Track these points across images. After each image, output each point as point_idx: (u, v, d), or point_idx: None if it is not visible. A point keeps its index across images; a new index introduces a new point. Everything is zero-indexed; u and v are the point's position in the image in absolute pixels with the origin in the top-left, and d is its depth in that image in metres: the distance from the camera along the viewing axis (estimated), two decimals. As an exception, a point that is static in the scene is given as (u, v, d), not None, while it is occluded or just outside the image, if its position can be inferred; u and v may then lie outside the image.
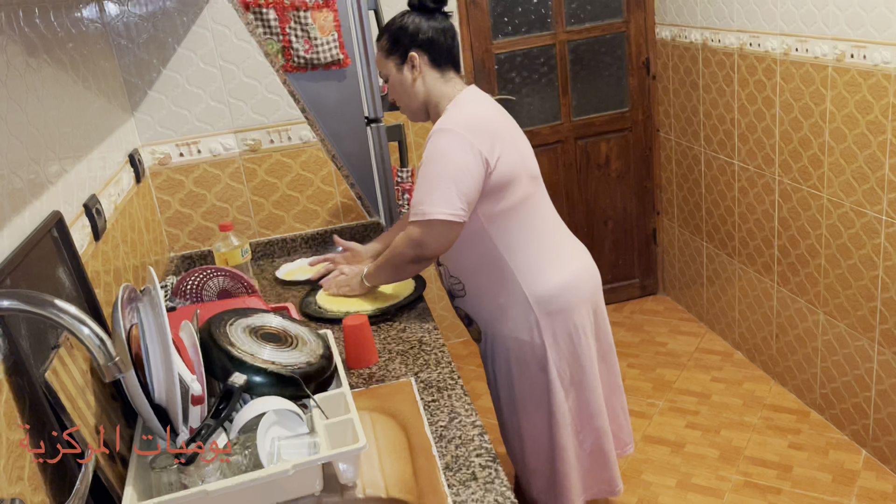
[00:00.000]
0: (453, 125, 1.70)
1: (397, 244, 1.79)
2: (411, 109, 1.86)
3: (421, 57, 1.78)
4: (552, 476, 1.91)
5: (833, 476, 2.56)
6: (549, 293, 1.81)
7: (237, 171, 2.33)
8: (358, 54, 2.32)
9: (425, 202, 1.69)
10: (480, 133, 1.70)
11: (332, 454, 1.17)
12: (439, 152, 1.69)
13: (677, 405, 3.06)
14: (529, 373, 1.86)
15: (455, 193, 1.67)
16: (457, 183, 1.67)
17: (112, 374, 0.92)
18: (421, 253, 1.74)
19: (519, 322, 1.83)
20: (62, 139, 1.56)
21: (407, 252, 1.76)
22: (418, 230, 1.72)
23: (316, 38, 2.24)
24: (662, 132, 3.69)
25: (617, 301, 3.97)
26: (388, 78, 1.84)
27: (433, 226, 1.70)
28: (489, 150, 1.70)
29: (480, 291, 1.85)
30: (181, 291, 1.81)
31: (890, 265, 2.39)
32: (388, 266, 1.84)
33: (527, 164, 1.80)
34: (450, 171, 1.67)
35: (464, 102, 1.78)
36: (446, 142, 1.69)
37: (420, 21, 1.78)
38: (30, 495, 1.04)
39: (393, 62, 1.81)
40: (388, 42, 1.81)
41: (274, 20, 2.21)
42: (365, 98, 2.38)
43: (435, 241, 1.72)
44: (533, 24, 3.47)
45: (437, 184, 1.68)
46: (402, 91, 1.83)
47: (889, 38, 2.24)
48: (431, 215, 1.69)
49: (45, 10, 1.56)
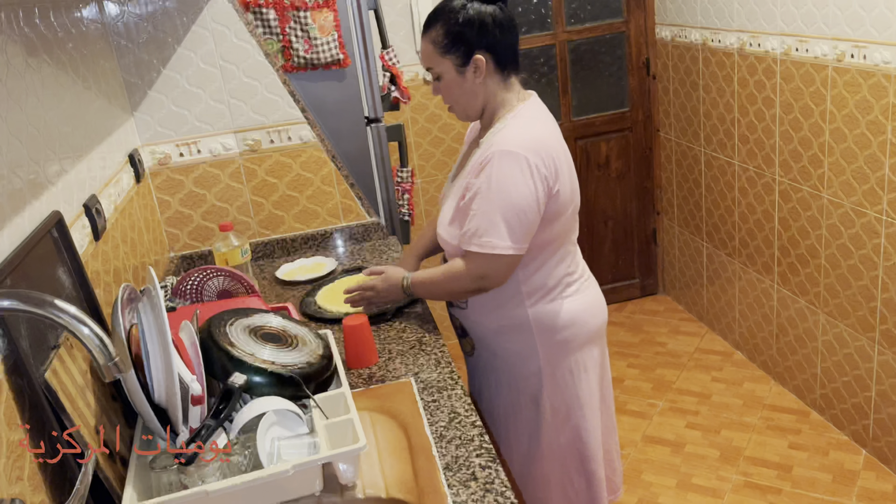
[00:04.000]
0: (520, 148, 1.55)
1: (457, 276, 1.65)
2: (466, 113, 1.70)
3: (487, 60, 1.61)
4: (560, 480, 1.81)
5: (833, 476, 2.56)
6: (557, 323, 1.71)
7: (237, 171, 2.33)
8: (358, 54, 2.32)
9: (492, 234, 1.57)
10: (547, 159, 1.57)
11: (332, 454, 1.17)
12: (507, 178, 1.55)
13: (677, 405, 3.06)
14: (519, 403, 1.77)
15: (522, 227, 1.57)
16: (524, 215, 1.56)
17: (112, 374, 0.92)
18: (483, 286, 1.64)
19: (518, 347, 1.73)
20: (62, 139, 1.56)
21: (468, 285, 1.65)
22: (484, 263, 1.60)
23: (316, 38, 2.24)
24: (662, 132, 3.69)
25: (617, 301, 3.97)
26: (441, 77, 1.65)
27: (500, 260, 1.59)
28: (553, 180, 1.59)
29: (484, 308, 1.74)
30: (181, 291, 1.81)
31: (890, 265, 2.39)
32: (443, 291, 1.72)
33: (575, 198, 1.71)
34: (517, 201, 1.55)
35: (527, 118, 1.63)
36: (515, 168, 1.55)
37: (484, 13, 1.58)
38: (30, 495, 1.04)
39: (452, 61, 1.61)
40: (445, 38, 1.60)
41: (274, 20, 2.21)
42: (365, 98, 2.38)
43: (499, 276, 1.62)
44: (533, 24, 3.47)
45: (504, 215, 1.56)
46: (458, 93, 1.65)
47: (889, 38, 2.24)
48: (500, 250, 1.57)
49: (45, 10, 1.56)
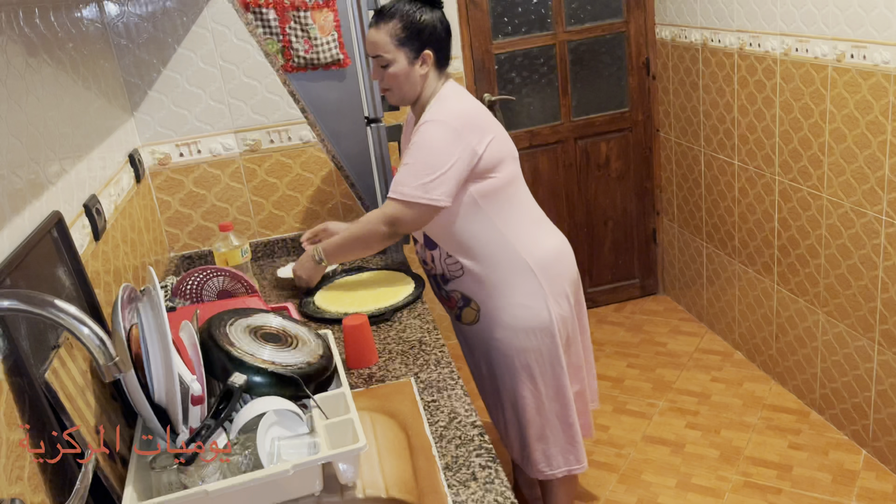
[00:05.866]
0: (445, 117, 1.81)
1: (369, 220, 1.88)
2: (405, 97, 1.90)
3: (432, 56, 1.86)
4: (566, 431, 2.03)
5: (833, 476, 2.56)
6: (547, 257, 1.95)
7: (237, 172, 2.33)
8: (358, 54, 2.32)
9: (407, 184, 1.80)
10: (469, 125, 1.81)
11: (332, 454, 1.17)
12: (430, 140, 1.79)
13: (677, 405, 3.06)
14: (537, 339, 1.94)
15: (438, 181, 1.78)
16: (442, 171, 1.78)
17: (112, 374, 0.92)
18: (395, 230, 1.85)
19: (524, 289, 1.92)
20: (62, 139, 1.56)
21: (380, 228, 1.85)
22: (397, 208, 1.82)
23: (316, 38, 2.24)
24: (662, 132, 3.69)
25: (617, 301, 3.97)
26: (390, 65, 1.84)
27: (411, 207, 1.81)
28: (477, 141, 1.82)
29: (481, 266, 1.92)
30: (181, 291, 1.81)
31: (890, 265, 2.39)
32: (357, 242, 1.91)
33: (510, 146, 1.94)
34: (436, 160, 1.78)
35: (448, 97, 1.87)
36: (439, 132, 1.80)
37: (435, 19, 1.85)
38: (30, 495, 1.04)
39: (405, 54, 1.83)
40: (402, 32, 1.82)
41: (274, 20, 2.21)
42: (365, 98, 2.38)
43: (411, 221, 1.83)
44: (533, 25, 3.47)
45: (422, 169, 1.78)
46: (403, 81, 1.87)
47: (889, 38, 2.24)
48: (412, 197, 1.79)
49: (45, 10, 1.56)
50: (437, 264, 1.98)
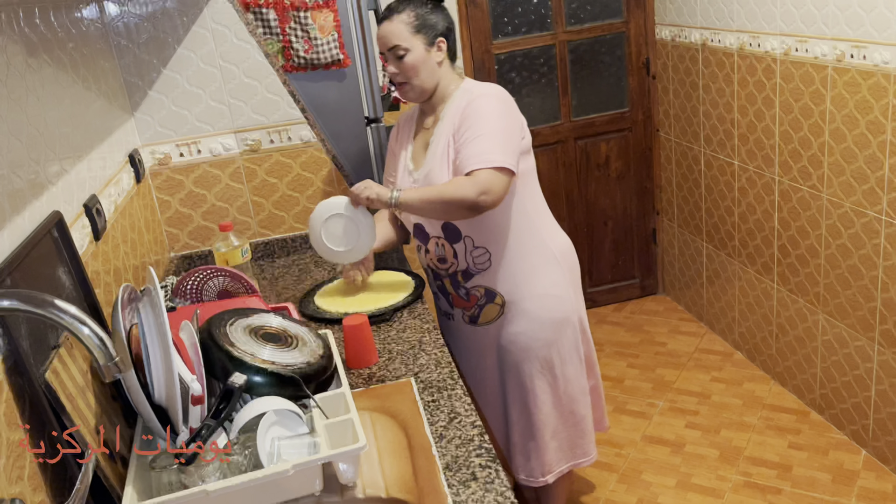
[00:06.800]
0: (492, 91, 1.81)
1: (461, 185, 1.68)
2: (424, 88, 1.86)
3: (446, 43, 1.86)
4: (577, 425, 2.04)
5: (833, 476, 2.56)
6: (565, 247, 1.98)
7: (237, 172, 2.34)
8: (358, 54, 2.32)
9: (494, 151, 1.70)
10: (511, 102, 1.84)
11: (332, 454, 1.17)
12: (493, 110, 1.77)
13: (677, 405, 3.06)
14: (561, 330, 1.96)
15: (513, 148, 1.75)
16: (513, 137, 1.77)
17: (112, 374, 0.92)
18: (485, 199, 1.67)
19: (551, 278, 1.93)
20: (62, 139, 1.56)
21: (470, 195, 1.66)
22: (489, 175, 1.68)
23: (316, 38, 2.24)
24: (662, 132, 3.69)
25: (617, 301, 3.98)
26: (408, 53, 1.81)
27: (501, 175, 1.70)
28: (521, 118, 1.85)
29: (511, 255, 1.90)
30: (181, 291, 1.81)
31: (890, 265, 2.39)
32: (440, 202, 1.72)
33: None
34: (507, 126, 1.77)
35: (476, 84, 1.88)
36: (496, 103, 1.79)
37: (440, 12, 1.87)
38: (30, 495, 1.04)
39: (421, 40, 1.82)
40: (417, 20, 1.82)
41: (274, 20, 2.21)
42: (365, 98, 2.38)
43: (500, 190, 1.70)
44: (533, 25, 3.47)
45: (500, 136, 1.73)
46: (423, 68, 1.84)
47: (889, 38, 2.24)
48: (503, 164, 1.70)
49: (45, 10, 1.56)
50: (462, 259, 1.91)
